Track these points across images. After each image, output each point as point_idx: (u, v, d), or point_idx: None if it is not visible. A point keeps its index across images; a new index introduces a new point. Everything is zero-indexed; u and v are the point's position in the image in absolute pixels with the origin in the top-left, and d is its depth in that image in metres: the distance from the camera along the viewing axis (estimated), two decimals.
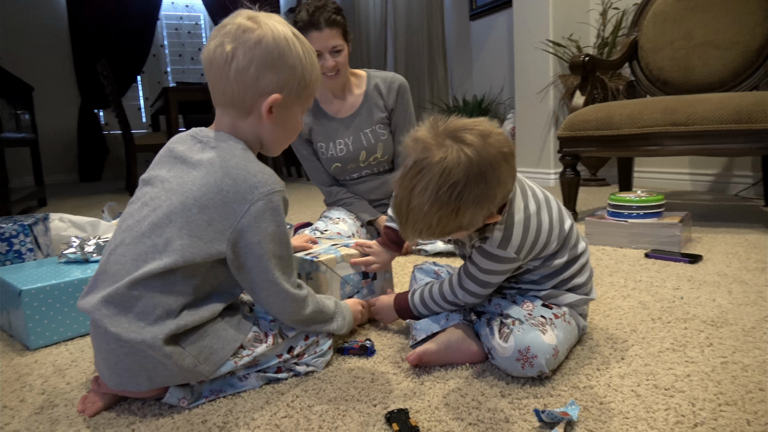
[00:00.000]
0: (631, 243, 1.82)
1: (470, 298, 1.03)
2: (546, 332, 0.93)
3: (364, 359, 1.05)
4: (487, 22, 4.53)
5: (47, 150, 5.79)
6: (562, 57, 3.45)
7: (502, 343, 0.94)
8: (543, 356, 0.90)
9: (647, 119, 2.05)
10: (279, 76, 0.90)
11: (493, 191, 0.85)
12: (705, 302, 1.26)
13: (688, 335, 1.08)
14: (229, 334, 0.91)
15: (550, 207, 1.00)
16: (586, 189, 3.40)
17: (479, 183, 0.83)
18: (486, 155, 0.83)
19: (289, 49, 0.90)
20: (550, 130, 3.58)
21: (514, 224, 0.94)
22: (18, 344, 1.23)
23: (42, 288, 1.19)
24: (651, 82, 2.59)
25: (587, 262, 1.06)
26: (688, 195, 2.94)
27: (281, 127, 0.96)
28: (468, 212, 0.85)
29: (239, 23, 0.89)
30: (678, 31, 2.49)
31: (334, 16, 1.78)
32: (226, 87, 0.90)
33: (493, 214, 0.90)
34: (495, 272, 0.98)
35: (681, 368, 0.95)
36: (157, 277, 0.85)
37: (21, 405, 0.94)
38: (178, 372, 0.86)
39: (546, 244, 0.97)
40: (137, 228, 0.88)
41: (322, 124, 1.96)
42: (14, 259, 1.43)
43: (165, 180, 0.91)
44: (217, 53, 0.89)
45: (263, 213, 0.88)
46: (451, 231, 0.89)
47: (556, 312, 0.99)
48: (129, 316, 0.84)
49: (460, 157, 0.82)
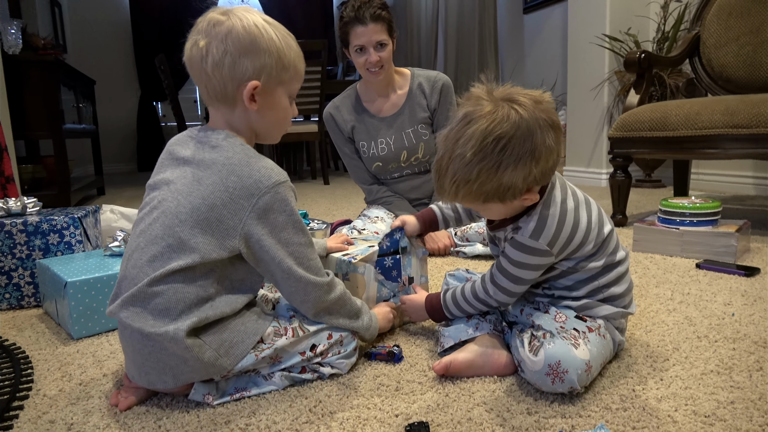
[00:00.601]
0: (683, 252, 1.73)
1: (502, 295, 1.00)
2: (578, 346, 0.89)
3: (391, 365, 1.04)
4: (541, 15, 4.41)
5: (109, 140, 6.05)
6: (618, 52, 3.31)
7: (532, 356, 0.90)
8: (575, 371, 0.86)
9: (706, 120, 1.94)
10: (254, 62, 0.90)
11: (537, 154, 0.84)
12: (758, 321, 1.18)
13: (736, 357, 1.01)
14: (248, 328, 0.93)
15: (590, 208, 0.97)
16: (640, 191, 3.26)
17: (525, 141, 0.84)
18: (536, 117, 0.84)
19: (261, 35, 0.90)
20: (603, 128, 3.45)
21: (548, 215, 0.92)
22: (64, 333, 1.29)
23: (86, 280, 1.24)
24: (713, 80, 2.46)
25: (626, 272, 1.01)
26: (751, 200, 2.77)
27: (269, 112, 0.96)
28: (509, 171, 0.84)
29: (209, 18, 0.91)
30: (745, 26, 2.34)
31: (379, 11, 1.77)
32: (208, 83, 0.91)
33: (531, 190, 0.89)
34: (527, 266, 0.95)
35: (725, 394, 0.89)
36: (177, 274, 0.87)
37: (59, 395, 0.98)
38: (201, 366, 0.88)
39: (581, 244, 0.94)
40: (150, 231, 0.90)
41: (364, 122, 1.95)
42: (65, 250, 1.49)
43: (170, 182, 0.93)
44: (194, 52, 0.90)
45: (271, 205, 0.89)
46: (489, 193, 0.87)
47: (591, 325, 0.95)
48: (153, 313, 0.86)
49: (511, 113, 0.84)
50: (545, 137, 0.85)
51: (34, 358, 1.15)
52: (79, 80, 3.65)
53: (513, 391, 0.93)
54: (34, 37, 3.05)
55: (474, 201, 0.91)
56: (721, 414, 0.83)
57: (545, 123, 0.85)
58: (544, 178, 0.89)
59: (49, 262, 1.38)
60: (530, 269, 0.96)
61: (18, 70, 2.71)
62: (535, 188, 0.90)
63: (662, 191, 3.25)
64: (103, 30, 6.13)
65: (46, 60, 2.79)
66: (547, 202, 0.93)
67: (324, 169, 4.44)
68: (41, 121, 2.82)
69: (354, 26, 1.77)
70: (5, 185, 2.12)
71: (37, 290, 1.48)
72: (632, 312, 1.02)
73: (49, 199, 2.82)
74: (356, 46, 1.79)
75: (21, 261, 1.46)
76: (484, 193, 0.87)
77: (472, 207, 0.97)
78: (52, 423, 0.88)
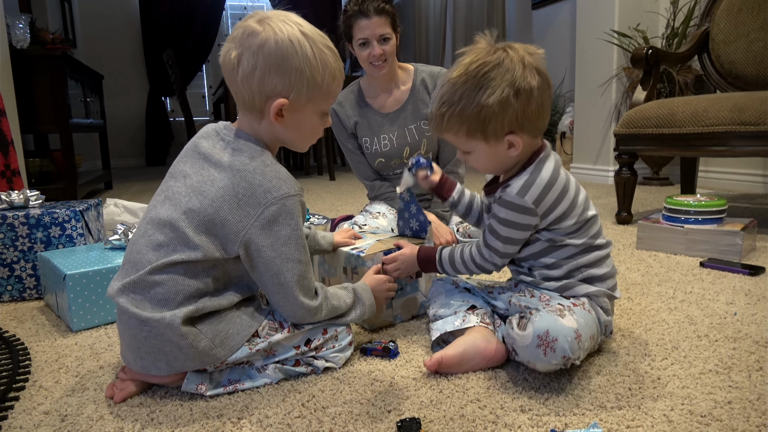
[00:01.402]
0: (687, 250, 1.71)
1: (495, 257, 1.02)
2: (564, 316, 0.90)
3: (386, 361, 1.04)
4: (550, 11, 4.37)
5: (118, 135, 6.09)
6: (627, 48, 3.28)
7: (521, 332, 0.91)
8: (564, 339, 0.87)
9: (713, 117, 1.91)
10: (284, 80, 0.89)
11: (518, 87, 0.89)
12: (761, 320, 1.16)
13: (736, 356, 1.00)
14: (244, 321, 0.94)
15: (579, 189, 1.00)
16: (647, 188, 3.23)
17: (507, 72, 0.89)
18: (522, 58, 0.91)
19: (295, 52, 0.88)
20: (611, 125, 3.42)
21: (538, 177, 0.95)
22: (63, 325, 1.29)
23: (85, 273, 1.24)
24: (722, 77, 2.42)
25: (607, 257, 1.02)
26: (760, 198, 2.74)
27: (295, 129, 0.96)
28: (487, 94, 0.89)
29: (245, 26, 0.90)
30: (755, 22, 2.31)
31: (383, 5, 1.77)
32: (238, 92, 0.92)
33: (516, 136, 0.93)
34: (513, 224, 0.96)
35: (722, 393, 0.87)
36: (179, 266, 0.88)
37: (55, 386, 0.99)
38: (195, 354, 0.89)
39: (564, 214, 0.96)
40: (159, 220, 0.91)
41: (367, 118, 1.94)
42: (66, 243, 1.50)
43: (187, 176, 0.94)
44: (227, 60, 0.90)
45: (276, 217, 0.89)
46: (471, 122, 0.92)
47: (575, 301, 0.97)
48: (152, 301, 0.88)
49: (498, 51, 0.92)
50: (527, 75, 0.90)
51: (33, 349, 1.15)
52: (87, 75, 3.67)
53: (508, 388, 0.92)
54: (42, 32, 3.07)
55: (458, 133, 0.95)
56: (718, 414, 0.82)
57: (530, 65, 0.91)
58: (526, 123, 0.93)
59: (50, 254, 1.38)
60: (517, 228, 0.97)
61: (26, 64, 2.73)
62: (520, 136, 0.93)
63: (670, 189, 3.22)
64: (113, 24, 6.16)
65: (53, 54, 2.81)
66: (539, 167, 0.96)
67: (330, 164, 4.44)
68: (48, 115, 2.84)
69: (358, 19, 1.77)
70: (11, 178, 2.13)
71: (38, 282, 1.49)
72: (617, 296, 1.03)
73: (57, 193, 2.85)
74: (360, 39, 1.79)
75: (23, 253, 1.47)
76: (467, 122, 0.92)
77: (459, 145, 0.99)
78: (46, 414, 0.89)
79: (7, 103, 2.35)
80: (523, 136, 0.94)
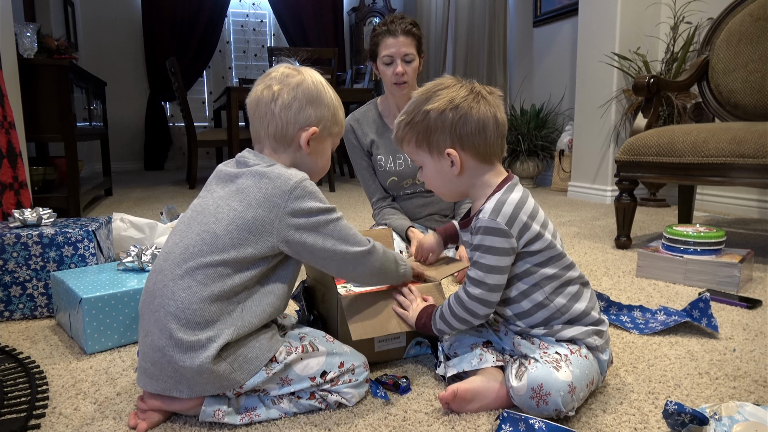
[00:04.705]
0: (686, 280, 1.75)
1: (484, 292, 0.99)
2: (560, 369, 0.93)
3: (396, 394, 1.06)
4: (552, 29, 4.43)
5: (117, 139, 6.09)
6: (627, 71, 3.33)
7: (517, 382, 0.95)
8: (557, 393, 0.90)
9: (712, 148, 1.96)
10: (317, 112, 1.06)
11: (460, 106, 0.99)
12: (759, 358, 1.20)
13: (736, 396, 1.04)
14: (263, 345, 0.97)
15: (547, 221, 1.03)
16: (645, 210, 3.28)
17: (451, 92, 1.01)
18: (476, 89, 1.02)
19: (325, 91, 1.08)
20: (609, 146, 3.47)
21: (507, 200, 0.99)
22: (77, 347, 1.31)
23: (101, 297, 1.26)
24: (720, 105, 2.48)
25: (581, 291, 1.03)
26: (755, 224, 2.79)
27: (316, 158, 1.10)
28: (431, 105, 1.01)
29: (283, 71, 1.07)
30: (754, 53, 2.36)
31: (411, 27, 1.88)
32: (271, 121, 1.04)
33: (455, 149, 1.01)
34: (492, 249, 0.96)
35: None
36: (210, 268, 0.94)
37: (74, 413, 1.01)
38: (214, 378, 0.92)
39: (536, 237, 0.98)
40: (189, 232, 0.99)
41: (385, 137, 1.99)
42: (78, 262, 1.52)
43: (214, 191, 1.04)
44: (265, 93, 1.05)
45: (303, 196, 0.98)
46: (419, 131, 1.03)
47: (572, 348, 0.99)
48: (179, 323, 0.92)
49: (460, 83, 1.03)
50: (470, 99, 1.00)
51: (49, 373, 1.17)
52: (91, 82, 3.68)
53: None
54: (48, 39, 3.08)
55: (410, 142, 1.06)
56: None
57: (480, 95, 1.01)
58: (466, 140, 1.01)
59: (63, 275, 1.40)
60: (497, 254, 0.96)
61: (32, 72, 2.74)
62: (460, 154, 1.01)
63: (666, 210, 3.27)
64: (115, 29, 6.18)
65: (61, 64, 2.82)
66: (509, 190, 1.01)
67: (330, 175, 4.46)
68: (53, 124, 2.84)
69: (385, 38, 1.85)
70: (19, 190, 2.15)
71: (50, 301, 1.51)
72: (604, 329, 1.03)
73: (59, 201, 2.85)
74: (385, 56, 1.86)
75: (35, 272, 1.48)
76: (414, 130, 1.04)
77: (412, 157, 1.10)
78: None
79: (15, 114, 2.36)
80: (465, 156, 1.02)
